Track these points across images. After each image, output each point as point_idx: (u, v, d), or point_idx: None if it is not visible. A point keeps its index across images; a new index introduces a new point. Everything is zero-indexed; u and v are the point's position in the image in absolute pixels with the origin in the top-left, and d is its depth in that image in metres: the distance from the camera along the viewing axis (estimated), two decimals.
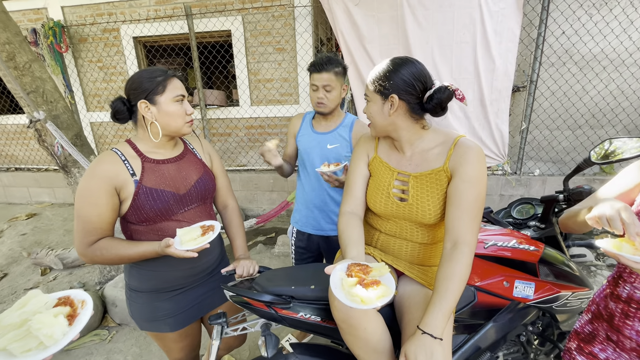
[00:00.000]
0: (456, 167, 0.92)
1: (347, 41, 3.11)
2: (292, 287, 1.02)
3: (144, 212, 0.99)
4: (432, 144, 0.99)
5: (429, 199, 0.96)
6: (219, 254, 1.25)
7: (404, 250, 1.07)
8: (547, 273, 1.18)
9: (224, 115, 3.81)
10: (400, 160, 1.03)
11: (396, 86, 0.91)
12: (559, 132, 3.15)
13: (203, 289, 1.18)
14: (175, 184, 1.06)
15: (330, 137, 1.50)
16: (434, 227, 1.02)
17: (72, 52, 3.83)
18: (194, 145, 1.20)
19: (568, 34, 2.87)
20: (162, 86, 0.99)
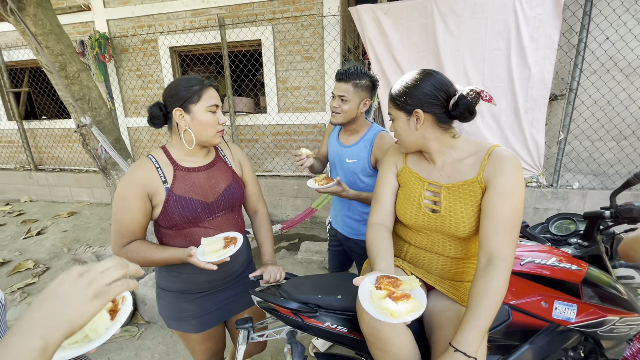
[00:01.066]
0: (491, 178, 0.89)
1: (376, 50, 3.11)
2: (319, 295, 1.01)
3: (172, 218, 1.02)
4: (464, 153, 0.96)
5: (462, 210, 0.93)
6: (246, 259, 1.26)
7: (435, 264, 1.03)
8: (591, 295, 1.10)
9: (252, 122, 3.91)
10: (431, 171, 1.01)
11: (418, 100, 0.91)
12: (601, 143, 2.95)
13: (228, 293, 1.20)
14: (204, 192, 1.07)
15: (350, 152, 1.48)
16: (467, 241, 0.99)
17: (114, 62, 4.10)
18: (225, 153, 1.21)
19: (613, 40, 2.70)
20: (197, 95, 1.01)
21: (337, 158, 1.52)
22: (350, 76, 1.33)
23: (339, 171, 1.53)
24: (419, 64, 3.06)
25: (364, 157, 1.44)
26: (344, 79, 1.34)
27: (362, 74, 1.35)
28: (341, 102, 1.36)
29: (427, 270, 1.05)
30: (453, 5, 2.84)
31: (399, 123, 0.96)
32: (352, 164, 1.46)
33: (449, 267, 1.03)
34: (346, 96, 1.35)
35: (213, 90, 1.05)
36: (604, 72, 2.79)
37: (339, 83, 1.36)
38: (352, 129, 1.46)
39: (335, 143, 1.53)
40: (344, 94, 1.35)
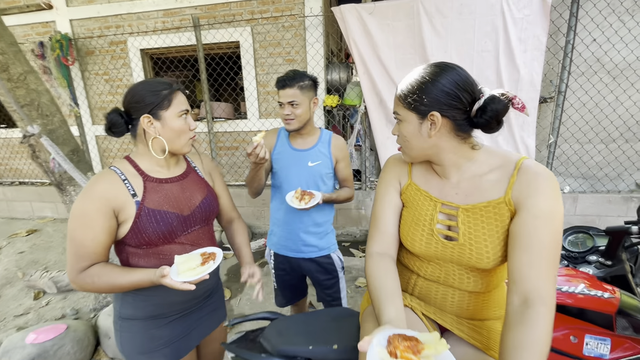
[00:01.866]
0: (523, 198, 0.71)
1: (361, 51, 2.96)
2: (310, 346, 0.81)
3: (145, 235, 0.93)
4: (485, 167, 0.78)
5: (486, 238, 0.76)
6: (215, 274, 1.18)
7: (450, 301, 0.85)
8: (625, 326, 0.95)
9: (231, 129, 3.67)
10: (443, 188, 0.83)
11: (437, 100, 0.73)
12: (590, 145, 2.91)
13: (201, 313, 1.11)
14: (179, 204, 1.00)
15: (312, 154, 1.44)
16: (489, 271, 0.81)
17: (78, 65, 3.77)
18: (196, 163, 1.14)
19: (599, 42, 2.67)
20: (167, 100, 0.93)
21: (293, 166, 1.44)
22: (293, 80, 1.32)
23: (295, 178, 1.44)
24: (405, 65, 2.93)
25: (327, 157, 1.45)
26: (288, 84, 1.32)
27: (303, 76, 1.35)
28: (292, 108, 1.34)
29: (441, 307, 0.87)
30: (439, 5, 2.73)
31: (408, 126, 0.79)
32: (316, 166, 1.43)
33: (466, 304, 0.85)
34: (296, 100, 1.33)
35: (182, 95, 0.99)
36: (591, 74, 2.75)
37: (284, 90, 1.33)
38: (307, 132, 1.44)
39: (288, 149, 1.46)
40: (293, 99, 1.33)
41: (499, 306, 0.87)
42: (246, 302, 2.53)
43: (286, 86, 1.33)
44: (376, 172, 3.45)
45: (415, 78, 0.76)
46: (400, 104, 0.79)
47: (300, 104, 1.34)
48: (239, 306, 2.49)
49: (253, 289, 2.66)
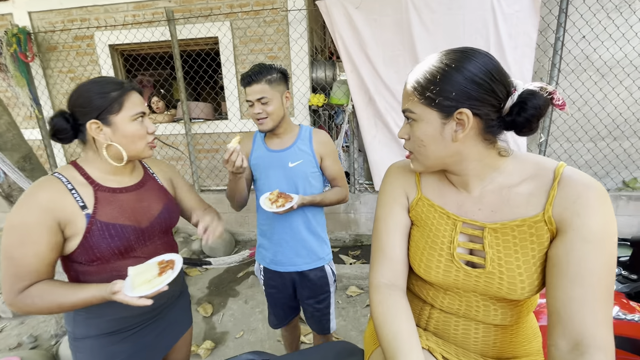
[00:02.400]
0: (568, 217, 0.58)
1: (348, 47, 2.82)
2: None
3: (97, 251, 0.84)
4: (515, 177, 0.64)
5: (520, 264, 0.62)
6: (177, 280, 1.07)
7: (473, 337, 0.71)
8: None
9: (210, 130, 3.45)
10: (463, 203, 0.69)
11: (466, 94, 0.58)
12: (580, 144, 2.88)
13: (163, 323, 1.04)
14: (136, 216, 0.92)
15: (290, 154, 1.31)
16: (521, 301, 0.68)
17: (39, 62, 3.44)
18: (154, 170, 1.06)
19: (588, 39, 2.63)
20: (118, 103, 0.84)
21: (273, 169, 1.32)
22: (260, 74, 1.20)
23: (276, 182, 1.31)
24: (394, 62, 2.81)
25: (310, 154, 1.33)
26: (255, 79, 1.19)
27: (270, 68, 1.22)
28: (263, 106, 1.22)
29: (462, 345, 0.72)
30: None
31: (426, 128, 0.64)
32: (298, 166, 1.31)
33: (493, 340, 0.71)
34: (265, 96, 1.20)
35: (136, 95, 0.89)
36: (580, 71, 2.72)
37: (251, 87, 1.20)
38: (283, 129, 1.31)
39: (264, 152, 1.34)
40: (262, 94, 1.20)
41: (528, 340, 0.74)
42: (229, 318, 2.34)
43: (252, 82, 1.20)
44: (365, 174, 3.31)
45: (435, 65, 0.61)
46: (414, 99, 0.64)
47: (271, 100, 1.21)
48: (222, 323, 2.29)
49: (236, 303, 2.48)
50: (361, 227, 3.25)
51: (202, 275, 2.92)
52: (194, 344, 2.05)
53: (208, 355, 1.99)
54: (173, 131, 3.51)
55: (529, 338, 0.74)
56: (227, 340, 2.12)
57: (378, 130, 3.01)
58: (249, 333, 2.16)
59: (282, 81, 1.25)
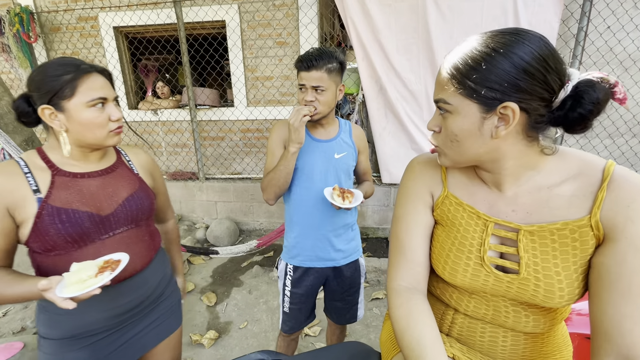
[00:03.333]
0: (620, 223, 0.51)
1: (360, 33, 2.71)
2: None
3: (49, 238, 0.79)
4: (556, 176, 0.58)
5: (559, 270, 0.56)
6: (161, 280, 1.03)
7: (501, 345, 0.66)
8: None
9: (216, 117, 3.38)
10: (495, 203, 0.62)
11: (514, 85, 0.51)
12: (597, 140, 2.78)
13: (139, 326, 0.97)
14: (96, 202, 0.86)
15: (337, 145, 1.27)
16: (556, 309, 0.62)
17: (43, 43, 3.37)
18: (131, 157, 1.01)
19: (613, 30, 2.50)
20: (70, 88, 0.77)
21: (318, 159, 1.25)
22: (322, 60, 1.11)
23: (320, 173, 1.25)
24: (407, 51, 2.71)
25: (352, 147, 1.31)
26: (315, 64, 1.10)
27: (333, 57, 1.13)
28: (317, 94, 1.14)
29: (488, 353, 0.67)
30: None
31: (463, 122, 0.56)
32: (344, 157, 1.27)
33: (522, 348, 0.65)
34: (322, 85, 1.12)
35: (97, 78, 0.81)
36: (603, 64, 2.60)
37: (309, 72, 1.12)
38: (328, 121, 1.26)
39: (309, 140, 1.26)
40: (319, 83, 1.12)
41: (559, 349, 0.69)
42: (233, 308, 2.32)
43: (312, 67, 1.11)
44: (373, 166, 3.24)
45: (479, 49, 0.53)
46: (451, 88, 0.56)
47: (326, 90, 1.14)
48: (225, 313, 2.27)
49: (240, 293, 2.46)
50: (367, 220, 3.20)
51: (205, 264, 2.90)
52: (197, 334, 2.03)
53: (212, 345, 1.97)
54: (178, 117, 3.45)
55: (559, 347, 0.69)
56: (230, 330, 2.10)
57: (388, 121, 2.92)
58: (252, 324, 2.14)
59: (340, 72, 1.18)
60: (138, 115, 3.51)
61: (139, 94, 3.83)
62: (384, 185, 3.09)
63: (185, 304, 2.35)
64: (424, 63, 2.71)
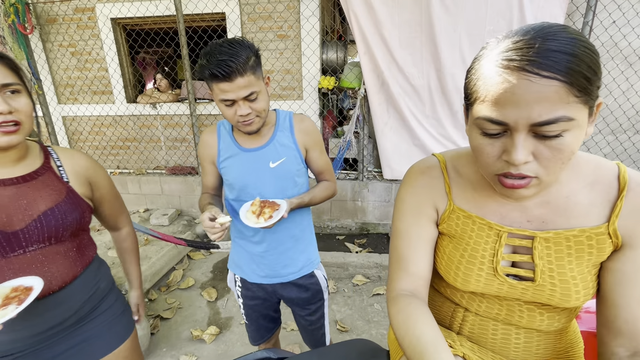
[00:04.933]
0: (636, 230, 0.52)
1: (362, 27, 2.67)
2: None
3: None
4: (573, 185, 0.56)
5: (575, 275, 0.56)
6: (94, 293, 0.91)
7: (513, 343, 0.65)
8: None
9: (216, 111, 3.34)
10: (507, 213, 0.60)
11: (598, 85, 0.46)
12: (600, 136, 2.77)
13: (62, 346, 0.85)
14: (2, 215, 0.74)
15: (271, 151, 1.06)
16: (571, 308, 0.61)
17: (39, 34, 3.31)
18: (64, 162, 0.86)
19: (619, 24, 2.47)
20: None
21: (251, 172, 1.07)
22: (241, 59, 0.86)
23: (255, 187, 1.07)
24: (410, 45, 2.67)
25: (293, 149, 1.08)
26: (236, 69, 0.86)
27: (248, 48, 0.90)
28: (251, 103, 0.93)
29: (500, 352, 0.66)
30: None
31: (579, 133, 0.46)
32: (282, 164, 1.06)
33: (535, 347, 0.64)
34: (254, 90, 0.91)
35: None
36: (607, 59, 2.57)
37: (232, 81, 0.87)
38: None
39: (236, 151, 1.07)
40: (250, 90, 0.90)
41: (572, 346, 0.68)
42: (234, 303, 2.31)
43: (234, 74, 0.86)
44: (374, 161, 3.22)
45: (583, 45, 0.43)
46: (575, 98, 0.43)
47: (259, 93, 0.93)
48: (226, 308, 2.27)
49: None
50: (368, 216, 3.19)
51: (206, 260, 2.89)
52: (198, 329, 2.03)
53: (213, 340, 1.96)
54: (177, 111, 3.41)
55: (572, 344, 0.68)
56: (231, 325, 2.09)
57: (390, 116, 2.90)
58: None
59: (259, 62, 0.95)
60: (137, 109, 3.47)
61: (138, 87, 3.78)
62: (386, 181, 3.07)
63: (186, 300, 2.34)
64: (427, 57, 2.68)
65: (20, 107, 0.73)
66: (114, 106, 3.48)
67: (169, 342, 1.95)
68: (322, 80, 2.98)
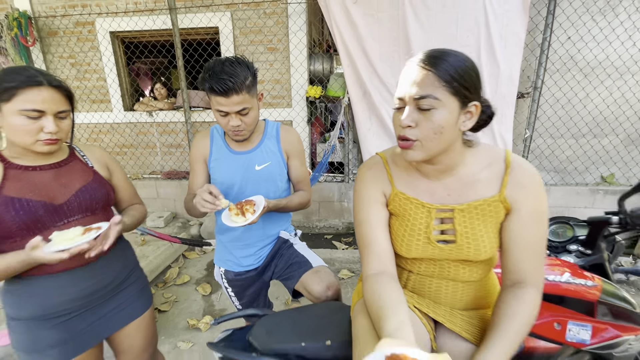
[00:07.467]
0: (518, 197, 0.73)
1: (345, 41, 2.91)
2: (302, 343, 0.78)
3: (3, 225, 0.86)
4: (476, 165, 0.77)
5: (483, 234, 0.76)
6: (127, 266, 1.12)
7: (444, 292, 0.85)
8: (605, 312, 0.99)
9: (210, 119, 3.53)
10: (434, 191, 0.80)
11: (477, 91, 0.69)
12: (562, 140, 3.04)
13: (104, 310, 1.04)
14: (49, 192, 0.92)
15: (257, 155, 1.21)
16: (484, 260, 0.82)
17: (40, 46, 3.47)
18: (86, 153, 1.07)
19: (573, 40, 2.77)
20: (8, 93, 0.83)
21: (238, 173, 1.21)
22: (239, 79, 1.00)
23: (240, 188, 1.21)
24: (389, 58, 2.92)
25: (277, 154, 1.22)
26: (234, 87, 1.00)
27: (247, 68, 1.04)
28: (243, 116, 1.07)
29: (435, 299, 0.86)
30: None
31: (446, 115, 0.67)
32: (266, 168, 1.20)
33: (460, 294, 0.85)
34: (247, 107, 1.06)
35: (43, 91, 0.85)
36: (565, 71, 2.86)
37: (229, 97, 1.01)
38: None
39: (226, 153, 1.22)
40: (243, 105, 1.04)
41: (490, 294, 0.88)
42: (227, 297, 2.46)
43: (231, 92, 1.00)
44: (359, 165, 3.44)
45: (457, 57, 0.67)
46: (441, 86, 0.65)
47: (251, 109, 1.07)
48: (220, 301, 2.43)
49: None
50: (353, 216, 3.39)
51: (200, 258, 3.04)
52: (193, 319, 2.18)
53: (207, 329, 2.12)
54: (173, 119, 3.59)
55: (490, 292, 0.88)
56: None
57: (372, 123, 3.13)
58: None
59: (255, 81, 1.09)
60: (134, 117, 3.64)
61: (135, 96, 3.95)
62: None
63: (182, 294, 2.50)
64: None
65: (63, 127, 0.91)
66: (112, 114, 3.65)
67: (166, 332, 2.11)
68: (310, 90, 3.21)
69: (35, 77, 0.84)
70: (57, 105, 0.88)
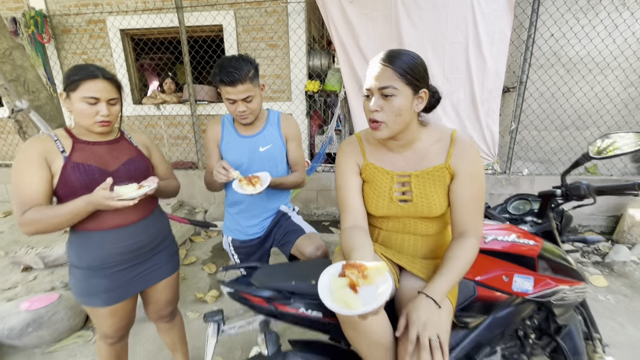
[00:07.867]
0: (459, 164, 0.93)
1: (342, 38, 3.10)
2: (293, 282, 0.99)
3: (70, 184, 1.07)
4: (428, 141, 0.98)
5: (434, 194, 0.96)
6: (162, 230, 1.32)
7: (407, 244, 1.05)
8: (545, 267, 1.19)
9: (214, 112, 3.74)
10: (395, 162, 1.00)
11: (424, 80, 0.89)
12: (546, 132, 3.21)
13: (144, 266, 1.25)
14: (104, 160, 1.15)
15: (261, 139, 1.42)
16: (438, 218, 1.02)
17: (54, 43, 3.68)
18: (132, 135, 1.29)
19: (556, 37, 2.93)
20: (75, 84, 1.05)
21: (244, 153, 1.42)
22: (243, 72, 1.22)
23: (246, 167, 1.42)
24: None
25: (278, 138, 1.42)
26: (239, 78, 1.21)
27: (249, 63, 1.25)
28: (248, 104, 1.28)
29: (399, 250, 1.06)
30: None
31: (403, 101, 0.86)
32: (269, 149, 1.41)
33: (420, 246, 1.05)
34: (251, 95, 1.27)
35: (99, 83, 1.07)
36: (549, 66, 3.03)
37: (235, 87, 1.23)
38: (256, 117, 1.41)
39: (235, 137, 1.43)
40: (248, 94, 1.25)
41: (445, 247, 1.08)
42: (231, 274, 2.68)
43: (237, 82, 1.21)
44: None
45: (412, 57, 0.86)
46: (397, 78, 0.84)
47: (255, 96, 1.28)
48: (225, 278, 2.64)
49: None
50: None
51: (205, 242, 3.27)
52: (200, 292, 2.41)
53: (214, 301, 2.34)
54: (179, 112, 3.80)
55: (445, 245, 1.08)
56: None
57: None
58: None
59: (257, 73, 1.29)
60: (142, 110, 3.85)
61: (144, 90, 4.16)
62: None
63: (189, 273, 2.72)
64: None
65: (114, 112, 1.13)
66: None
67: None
68: (308, 84, 3.40)
69: (93, 72, 1.06)
70: (109, 93, 1.09)
